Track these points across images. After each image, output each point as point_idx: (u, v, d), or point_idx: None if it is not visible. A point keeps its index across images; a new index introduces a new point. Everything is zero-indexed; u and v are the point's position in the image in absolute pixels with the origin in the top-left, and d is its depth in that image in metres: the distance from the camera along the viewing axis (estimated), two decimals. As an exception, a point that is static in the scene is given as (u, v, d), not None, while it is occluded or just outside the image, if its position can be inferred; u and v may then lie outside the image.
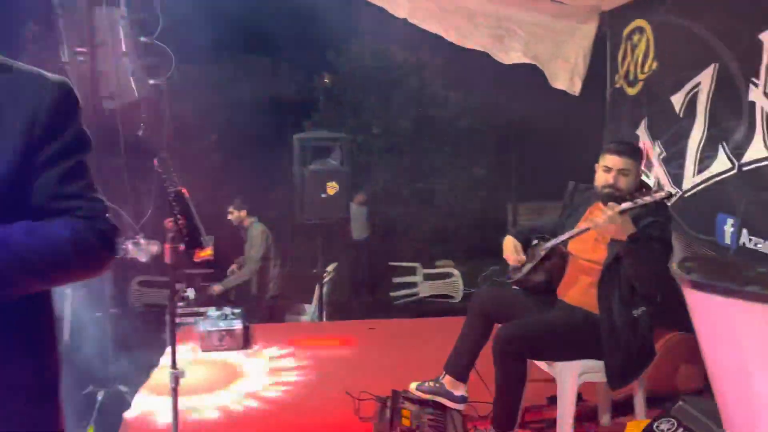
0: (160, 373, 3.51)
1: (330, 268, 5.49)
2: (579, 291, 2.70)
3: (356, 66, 8.74)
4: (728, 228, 3.03)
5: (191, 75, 8.76)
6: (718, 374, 1.05)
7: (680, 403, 1.57)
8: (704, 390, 3.31)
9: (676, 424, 1.50)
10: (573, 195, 2.96)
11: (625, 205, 2.31)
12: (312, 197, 4.90)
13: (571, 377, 2.60)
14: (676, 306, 3.43)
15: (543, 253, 2.76)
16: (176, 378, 2.40)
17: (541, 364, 2.78)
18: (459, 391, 3.00)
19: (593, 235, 2.66)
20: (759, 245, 2.83)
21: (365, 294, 7.14)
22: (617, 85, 4.31)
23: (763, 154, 2.81)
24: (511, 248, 2.87)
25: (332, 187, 4.97)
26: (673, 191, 2.16)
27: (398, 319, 5.24)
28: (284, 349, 4.10)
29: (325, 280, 5.22)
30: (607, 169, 2.60)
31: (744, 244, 2.93)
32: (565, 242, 2.71)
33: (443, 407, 3.02)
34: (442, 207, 8.56)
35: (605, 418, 3.07)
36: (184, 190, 2.24)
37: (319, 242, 5.12)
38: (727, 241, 3.04)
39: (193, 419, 3.08)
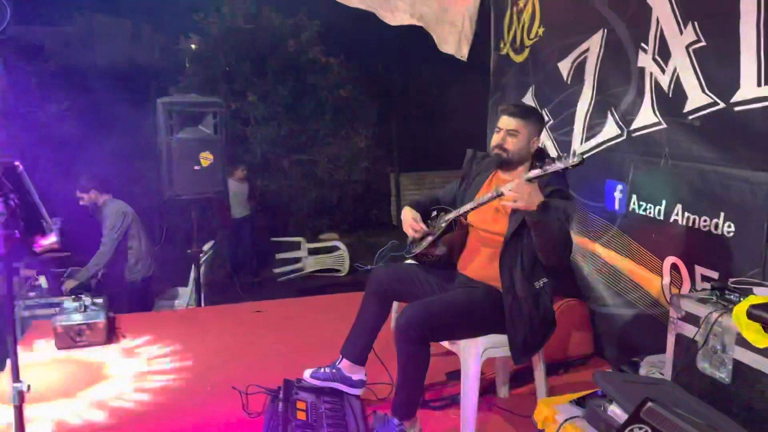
0: (5, 378, 2.97)
1: (206, 246, 5.04)
2: (480, 264, 2.58)
3: (228, 29, 8.10)
4: (617, 194, 3.05)
5: (35, 34, 7.72)
6: None
7: (649, 404, 1.45)
8: (593, 355, 3.40)
9: (650, 431, 1.38)
10: (472, 163, 2.81)
11: (535, 172, 2.18)
12: (182, 170, 4.42)
13: (475, 354, 2.48)
14: (566, 273, 3.48)
15: (444, 225, 2.59)
16: (20, 394, 1.97)
17: (443, 342, 2.64)
18: (357, 375, 2.81)
19: (494, 206, 2.53)
20: (648, 210, 2.87)
21: (247, 273, 6.73)
22: (503, 52, 4.25)
23: (652, 119, 2.83)
24: (410, 220, 2.68)
25: (206, 159, 4.52)
26: (583, 157, 2.03)
27: (285, 299, 4.90)
28: (156, 340, 3.66)
29: (202, 260, 4.78)
30: (498, 129, 2.51)
31: (633, 209, 2.96)
32: (465, 214, 2.56)
33: (341, 393, 2.82)
34: (324, 179, 8.27)
35: (504, 391, 3.03)
36: (17, 163, 1.79)
37: (193, 219, 4.65)
38: (616, 207, 3.07)
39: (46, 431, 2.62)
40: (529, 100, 3.83)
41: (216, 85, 8.04)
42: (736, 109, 2.39)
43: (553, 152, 3.55)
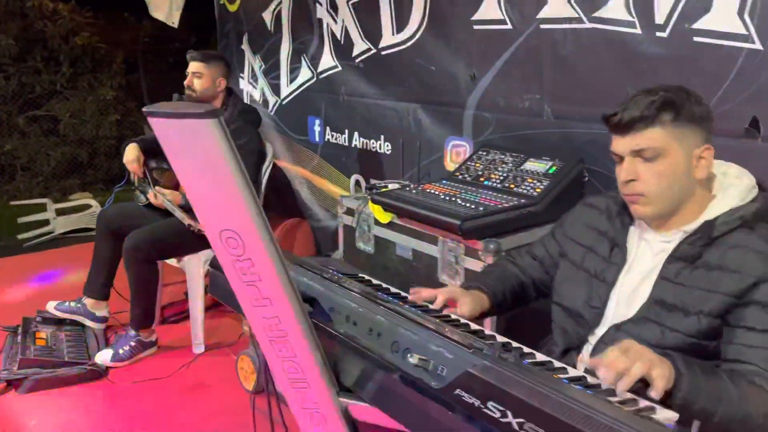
0: None
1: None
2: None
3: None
4: (316, 128, 3.69)
5: None
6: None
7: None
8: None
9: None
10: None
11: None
12: None
13: (197, 266, 2.94)
14: (285, 195, 4.08)
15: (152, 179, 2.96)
16: None
17: (171, 262, 3.06)
18: (101, 311, 3.08)
19: None
20: (337, 139, 3.55)
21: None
22: (221, 1, 4.56)
23: (331, 63, 3.47)
24: (133, 157, 2.95)
25: None
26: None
27: (27, 254, 4.83)
28: None
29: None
30: (187, 73, 2.96)
31: (328, 140, 3.63)
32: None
33: (83, 324, 3.09)
34: (69, 136, 7.82)
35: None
36: None
37: None
38: (317, 138, 3.72)
39: None
40: (245, 47, 4.26)
41: None
42: (383, 53, 3.10)
43: (260, 95, 4.06)
